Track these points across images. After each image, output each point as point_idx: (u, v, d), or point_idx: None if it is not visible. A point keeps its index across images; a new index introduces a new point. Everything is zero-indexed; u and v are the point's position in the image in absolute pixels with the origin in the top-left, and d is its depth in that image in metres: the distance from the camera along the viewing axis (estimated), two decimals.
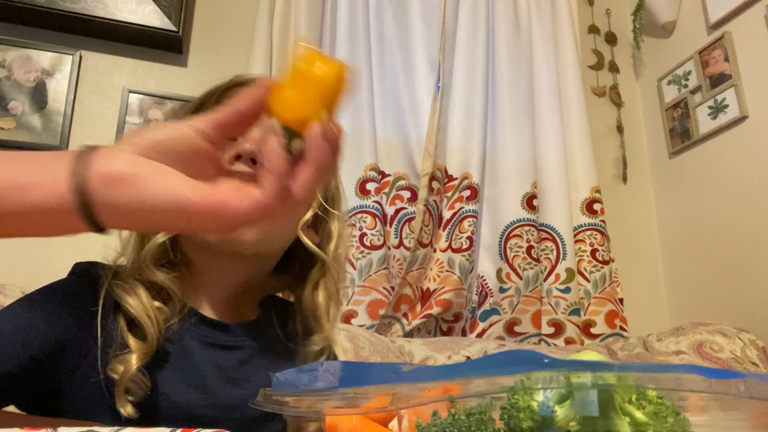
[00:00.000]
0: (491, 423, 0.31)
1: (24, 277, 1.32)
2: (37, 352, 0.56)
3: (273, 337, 0.71)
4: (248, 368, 0.66)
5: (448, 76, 1.84)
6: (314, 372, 0.38)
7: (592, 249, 1.81)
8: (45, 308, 0.59)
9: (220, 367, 0.64)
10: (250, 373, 0.66)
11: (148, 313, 0.59)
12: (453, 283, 1.66)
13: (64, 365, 0.57)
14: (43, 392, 0.58)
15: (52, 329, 0.57)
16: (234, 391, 0.63)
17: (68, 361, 0.58)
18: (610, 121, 2.14)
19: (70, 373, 0.58)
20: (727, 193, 1.82)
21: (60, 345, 0.57)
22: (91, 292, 0.61)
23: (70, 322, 0.58)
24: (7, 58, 1.57)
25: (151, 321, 0.59)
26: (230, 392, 0.63)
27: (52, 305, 0.59)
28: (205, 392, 0.62)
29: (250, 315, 0.71)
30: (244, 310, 0.71)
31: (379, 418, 0.37)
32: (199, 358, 0.63)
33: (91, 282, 0.62)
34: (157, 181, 0.39)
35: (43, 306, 0.59)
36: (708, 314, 1.78)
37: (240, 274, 0.68)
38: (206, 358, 0.63)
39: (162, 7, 1.63)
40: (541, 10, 1.96)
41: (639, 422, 0.31)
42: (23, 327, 0.56)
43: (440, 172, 1.76)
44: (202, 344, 0.64)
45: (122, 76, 1.67)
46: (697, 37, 1.96)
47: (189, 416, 0.59)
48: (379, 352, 1.33)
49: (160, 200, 0.38)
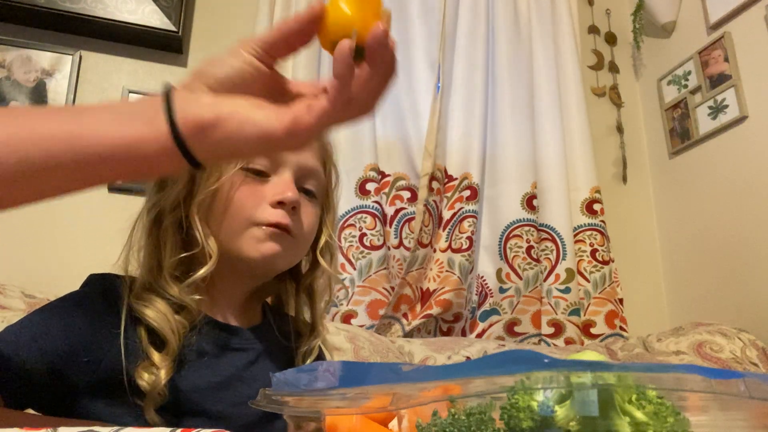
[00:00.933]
0: (491, 423, 0.31)
1: (24, 277, 1.32)
2: (54, 360, 0.58)
3: (274, 338, 0.76)
4: (256, 368, 0.71)
5: (447, 76, 1.84)
6: (314, 372, 0.38)
7: (592, 249, 1.81)
8: (62, 317, 0.61)
9: (235, 367, 0.68)
10: (258, 373, 0.70)
11: (171, 327, 0.63)
12: (453, 284, 1.66)
13: (81, 371, 0.60)
14: (59, 398, 0.60)
15: (69, 337, 0.60)
16: (245, 390, 0.67)
17: (85, 368, 0.60)
18: (610, 121, 2.14)
19: (87, 379, 0.60)
20: (727, 194, 1.82)
21: (76, 352, 0.60)
22: (107, 302, 0.64)
23: (87, 330, 0.61)
24: (7, 58, 1.57)
25: (174, 334, 0.62)
26: (243, 391, 0.67)
27: (68, 314, 0.62)
28: (222, 392, 0.66)
29: (256, 319, 0.77)
30: (251, 314, 0.77)
31: (379, 418, 0.37)
32: (216, 360, 0.67)
33: (106, 292, 0.65)
34: (241, 119, 0.43)
35: (60, 315, 0.62)
36: (708, 314, 1.78)
37: (253, 284, 0.75)
38: (222, 361, 0.68)
39: (162, 7, 1.63)
40: (541, 10, 1.96)
41: (639, 422, 0.31)
42: (41, 335, 0.59)
43: (440, 172, 1.76)
44: (217, 348, 0.68)
45: (122, 76, 1.67)
46: (697, 38, 1.96)
47: (208, 415, 0.63)
48: (379, 352, 1.33)
49: (248, 137, 0.43)
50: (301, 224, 0.71)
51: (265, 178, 0.70)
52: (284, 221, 0.68)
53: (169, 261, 0.66)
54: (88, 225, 1.49)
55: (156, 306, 0.63)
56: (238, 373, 0.68)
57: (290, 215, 0.69)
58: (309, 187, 0.74)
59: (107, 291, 0.65)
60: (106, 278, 0.67)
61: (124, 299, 0.63)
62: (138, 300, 0.64)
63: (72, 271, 0.74)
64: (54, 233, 1.49)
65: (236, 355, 0.70)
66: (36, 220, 1.49)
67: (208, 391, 0.65)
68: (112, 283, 0.66)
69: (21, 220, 1.48)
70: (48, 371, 0.58)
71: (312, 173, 0.74)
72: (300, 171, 0.72)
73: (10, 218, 1.47)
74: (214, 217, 0.69)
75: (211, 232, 0.68)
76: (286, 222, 0.68)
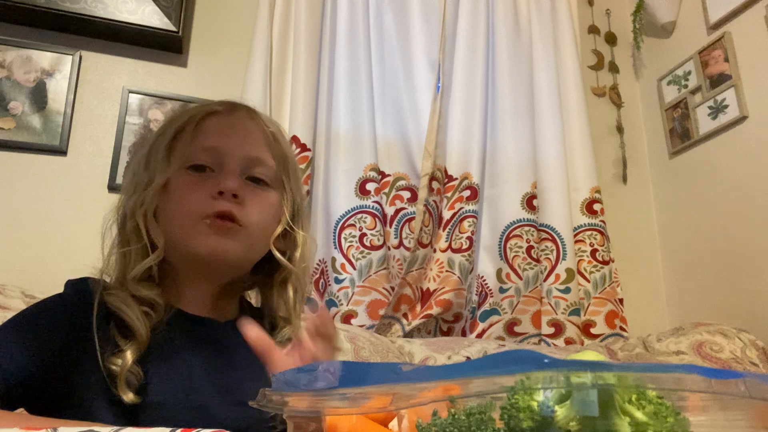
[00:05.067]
0: (491, 423, 0.31)
1: (24, 277, 1.32)
2: (44, 358, 0.61)
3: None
4: (228, 358, 0.73)
5: (448, 76, 1.84)
6: (314, 372, 0.38)
7: (592, 249, 1.81)
8: (46, 318, 0.65)
9: (204, 356, 0.70)
10: (231, 363, 0.72)
11: (138, 317, 0.66)
12: (453, 284, 1.66)
13: (68, 364, 0.63)
14: (51, 395, 0.62)
15: (55, 335, 0.63)
16: (218, 379, 0.69)
17: (71, 360, 0.63)
18: (610, 121, 2.14)
19: (74, 370, 0.63)
20: (727, 193, 1.82)
21: (63, 348, 0.63)
22: (84, 303, 0.66)
23: (69, 328, 0.64)
24: (7, 58, 1.57)
25: (141, 323, 0.65)
26: (215, 380, 0.69)
27: (50, 315, 0.66)
28: (192, 379, 0.68)
29: (231, 314, 0.79)
30: (225, 309, 0.78)
31: (379, 418, 0.37)
32: (185, 350, 0.69)
33: (83, 294, 0.68)
34: None
35: (44, 316, 0.66)
36: (708, 314, 1.78)
37: (222, 278, 0.76)
38: (191, 350, 0.70)
39: (162, 7, 1.63)
40: (541, 11, 1.96)
41: (639, 422, 0.31)
42: (29, 339, 0.62)
43: (440, 172, 1.76)
44: (187, 339, 0.70)
45: (122, 76, 1.67)
46: (697, 38, 1.96)
47: (181, 400, 0.65)
48: (379, 352, 1.33)
49: None
50: (248, 212, 0.71)
51: (209, 173, 0.72)
52: (226, 209, 0.69)
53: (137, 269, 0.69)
54: (88, 225, 1.48)
55: (126, 301, 0.67)
56: (210, 362, 0.70)
57: (234, 204, 0.70)
58: (257, 175, 0.75)
59: (83, 293, 0.68)
60: (80, 282, 0.70)
61: (96, 296, 0.66)
62: (111, 296, 0.67)
63: (72, 271, 0.74)
64: (54, 233, 1.49)
65: (207, 346, 0.71)
66: (36, 220, 1.49)
67: (178, 378, 0.66)
68: (86, 287, 0.69)
69: (21, 220, 1.48)
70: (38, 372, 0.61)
71: (257, 161, 0.75)
72: (244, 161, 0.74)
73: (10, 218, 1.47)
74: (165, 217, 0.72)
75: (164, 232, 0.71)
76: (227, 209, 0.69)
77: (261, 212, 0.73)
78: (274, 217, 0.76)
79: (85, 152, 1.58)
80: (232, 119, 0.77)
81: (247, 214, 0.71)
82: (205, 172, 0.72)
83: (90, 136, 1.60)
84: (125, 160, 1.58)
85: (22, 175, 1.52)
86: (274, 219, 0.76)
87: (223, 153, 0.73)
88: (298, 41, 1.71)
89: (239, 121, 0.77)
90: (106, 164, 1.58)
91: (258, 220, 0.73)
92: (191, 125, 0.74)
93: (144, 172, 0.74)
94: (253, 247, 0.74)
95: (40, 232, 1.49)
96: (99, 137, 1.60)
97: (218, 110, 0.77)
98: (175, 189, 0.72)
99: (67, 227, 1.50)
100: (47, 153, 1.55)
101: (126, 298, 0.67)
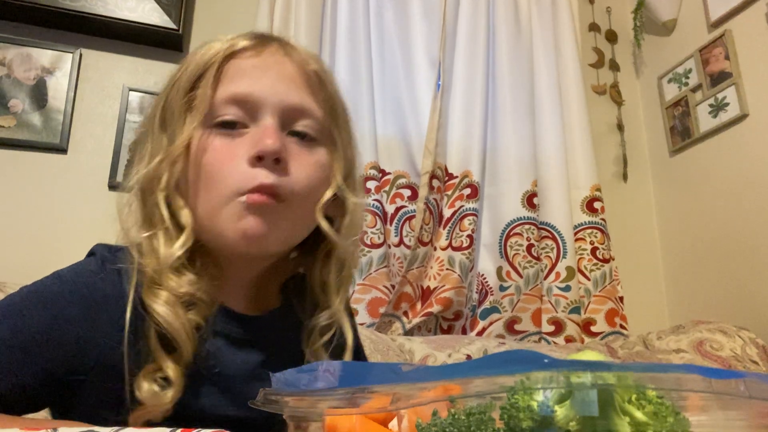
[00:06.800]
0: (491, 423, 0.31)
1: (24, 276, 1.32)
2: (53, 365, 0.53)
3: (294, 324, 0.67)
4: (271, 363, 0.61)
5: (448, 74, 1.83)
6: (314, 372, 0.38)
7: (593, 247, 1.81)
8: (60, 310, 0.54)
9: (247, 363, 0.61)
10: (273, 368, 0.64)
11: (186, 330, 0.54)
12: (453, 282, 1.66)
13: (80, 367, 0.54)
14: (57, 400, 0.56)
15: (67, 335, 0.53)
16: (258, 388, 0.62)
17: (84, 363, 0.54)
18: (611, 119, 2.14)
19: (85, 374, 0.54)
20: (727, 192, 1.81)
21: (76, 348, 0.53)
22: (114, 289, 0.55)
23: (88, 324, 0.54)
24: (8, 56, 1.57)
25: (189, 338, 0.54)
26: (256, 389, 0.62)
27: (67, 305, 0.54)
28: (233, 393, 0.59)
29: (274, 302, 0.68)
30: (268, 295, 0.67)
31: (379, 418, 0.37)
32: (226, 359, 0.60)
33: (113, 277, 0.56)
34: None
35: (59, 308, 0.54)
36: (708, 312, 1.78)
37: (264, 263, 0.65)
38: (233, 358, 0.60)
39: (162, 4, 1.63)
40: (541, 8, 1.96)
41: (639, 422, 0.31)
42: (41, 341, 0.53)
43: (440, 170, 1.76)
44: (228, 343, 0.60)
45: (122, 74, 1.67)
46: (697, 35, 1.96)
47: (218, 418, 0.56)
48: (380, 350, 1.33)
49: None
50: (293, 180, 0.57)
51: (241, 131, 0.58)
52: (266, 181, 0.55)
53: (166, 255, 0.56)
54: (88, 224, 1.48)
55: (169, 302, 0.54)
56: (252, 371, 0.61)
57: (275, 171, 0.56)
58: (301, 129, 0.60)
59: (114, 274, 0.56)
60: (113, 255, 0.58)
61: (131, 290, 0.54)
62: (150, 292, 0.54)
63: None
64: (54, 232, 1.49)
65: (250, 351, 0.61)
66: (36, 220, 1.49)
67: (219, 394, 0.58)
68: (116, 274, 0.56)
69: (21, 219, 1.48)
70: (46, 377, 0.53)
71: (302, 111, 0.60)
72: (285, 112, 0.59)
73: (10, 216, 1.48)
74: (189, 190, 0.58)
75: (188, 206, 0.57)
76: (269, 182, 0.55)
77: (310, 177, 0.59)
78: (323, 181, 0.61)
79: (85, 150, 1.58)
80: (264, 57, 0.61)
81: (293, 183, 0.57)
82: (235, 129, 0.58)
83: (90, 134, 1.60)
84: (126, 159, 1.58)
85: (22, 173, 1.52)
86: (323, 183, 0.61)
87: (256, 102, 0.58)
88: (298, 39, 1.71)
89: (273, 59, 0.61)
90: (106, 162, 1.58)
91: (305, 188, 0.58)
92: (212, 70, 0.59)
93: (160, 134, 0.59)
94: (297, 225, 0.61)
95: (41, 230, 1.49)
96: (99, 135, 1.60)
97: (244, 46, 0.61)
98: (199, 155, 0.57)
99: (68, 225, 1.50)
100: (47, 151, 1.55)
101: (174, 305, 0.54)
